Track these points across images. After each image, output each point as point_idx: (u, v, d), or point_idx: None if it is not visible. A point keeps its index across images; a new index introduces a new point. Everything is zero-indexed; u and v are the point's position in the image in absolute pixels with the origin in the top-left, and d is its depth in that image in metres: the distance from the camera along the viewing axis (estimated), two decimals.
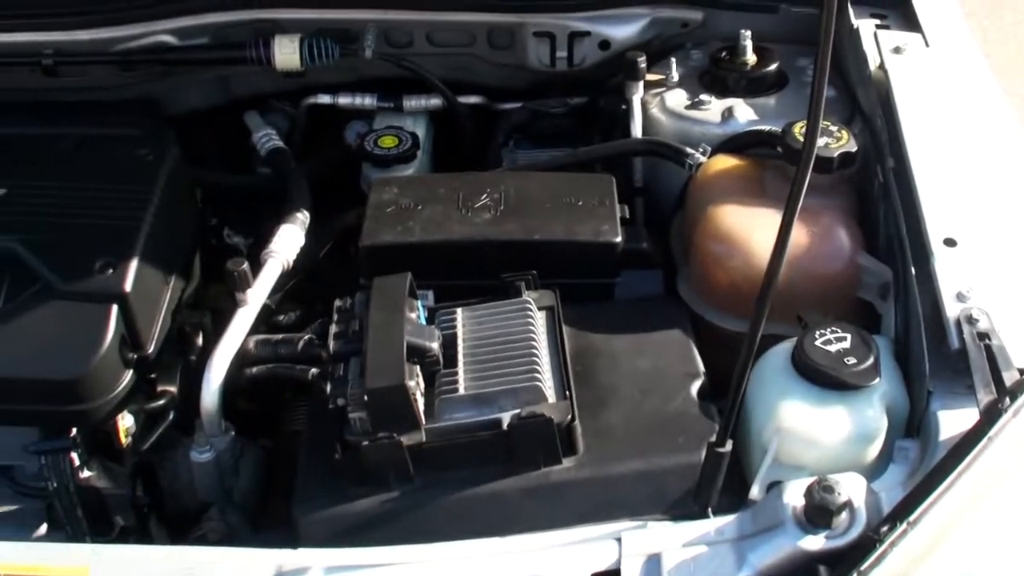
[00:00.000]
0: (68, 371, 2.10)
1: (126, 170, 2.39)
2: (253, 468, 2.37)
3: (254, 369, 2.23)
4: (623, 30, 2.75)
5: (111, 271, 2.18)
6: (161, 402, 2.30)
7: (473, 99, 2.87)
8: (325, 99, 2.85)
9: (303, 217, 2.46)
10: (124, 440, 2.30)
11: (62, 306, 2.16)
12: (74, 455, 2.22)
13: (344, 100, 2.84)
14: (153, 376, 2.29)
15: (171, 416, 2.32)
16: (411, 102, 2.83)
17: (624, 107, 2.67)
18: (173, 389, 2.31)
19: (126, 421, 2.29)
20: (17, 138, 2.55)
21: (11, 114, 2.71)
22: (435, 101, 2.83)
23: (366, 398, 1.89)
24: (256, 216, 2.82)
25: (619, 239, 2.28)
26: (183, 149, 2.53)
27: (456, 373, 1.97)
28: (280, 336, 2.26)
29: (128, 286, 2.16)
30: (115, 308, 2.15)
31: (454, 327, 2.07)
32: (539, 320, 2.10)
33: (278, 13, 2.69)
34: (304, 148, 2.88)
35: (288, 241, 2.39)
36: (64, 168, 2.42)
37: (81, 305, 2.16)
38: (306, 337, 2.22)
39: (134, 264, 2.19)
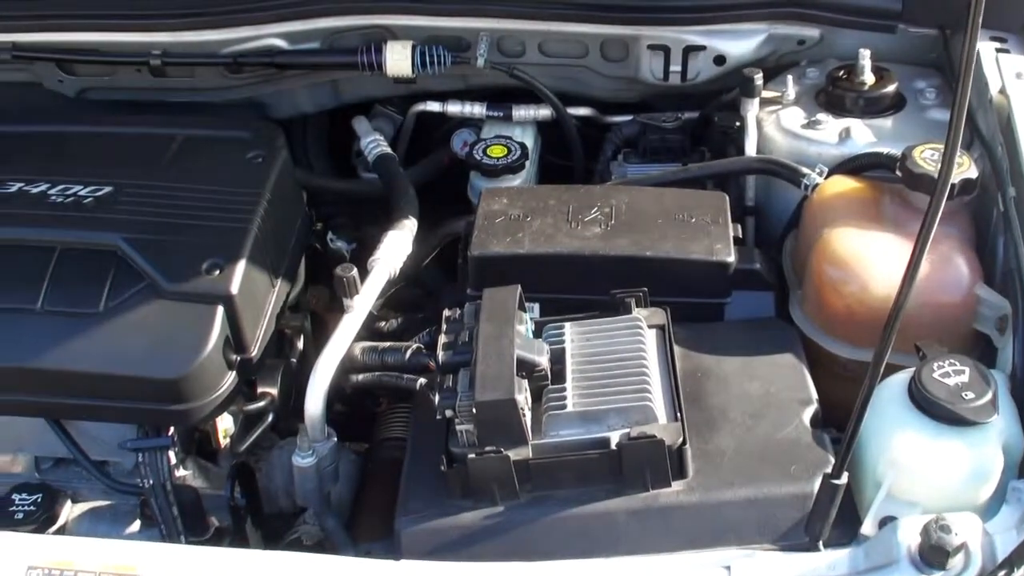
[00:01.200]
0: (171, 370, 2.10)
1: (235, 172, 2.38)
2: (348, 474, 2.36)
3: (360, 376, 2.21)
4: (739, 46, 2.70)
5: (218, 272, 2.17)
6: (260, 404, 2.29)
7: (583, 111, 2.84)
8: (434, 106, 2.83)
9: (410, 225, 2.44)
10: (222, 441, 2.30)
11: (167, 306, 2.16)
12: (171, 454, 2.22)
13: (453, 108, 2.82)
14: (253, 378, 2.28)
15: (269, 419, 2.31)
16: (520, 112, 2.80)
17: (738, 124, 2.62)
18: (272, 391, 2.30)
19: (225, 422, 2.29)
20: (123, 137, 2.56)
21: (118, 113, 2.73)
22: (544, 112, 2.80)
23: (474, 411, 1.85)
24: (359, 221, 2.82)
25: (732, 259, 2.23)
26: None
27: (564, 389, 1.93)
28: (387, 344, 2.24)
29: (235, 288, 2.15)
30: (220, 309, 2.15)
31: (563, 342, 2.03)
32: (650, 338, 2.05)
33: (391, 19, 2.68)
34: (409, 154, 2.85)
35: (395, 249, 2.37)
36: (171, 168, 2.42)
37: (186, 305, 2.15)
38: (413, 346, 2.19)
39: (241, 266, 2.18)
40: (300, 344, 2.42)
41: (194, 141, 2.50)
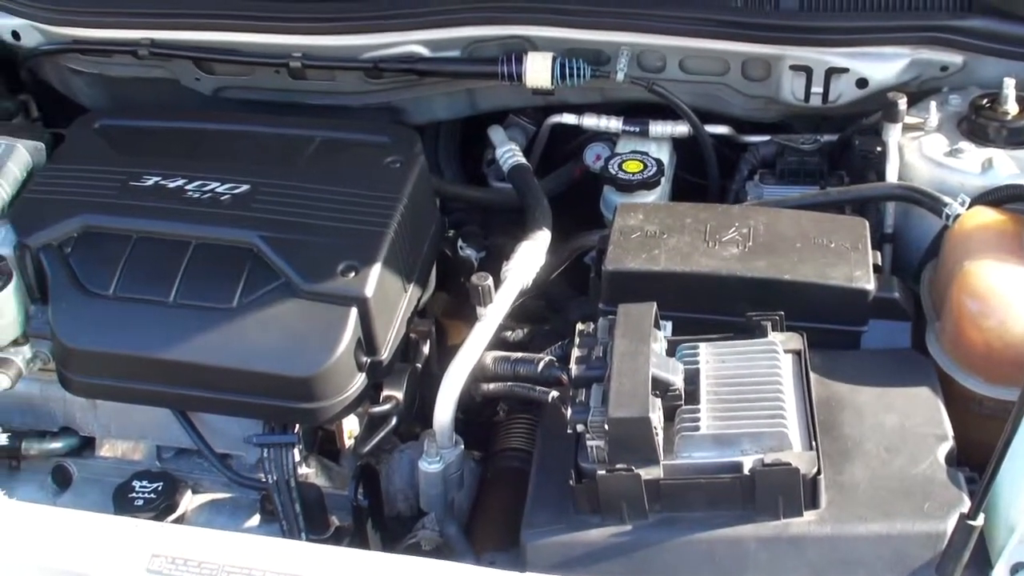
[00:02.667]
0: (303, 369, 2.12)
1: (372, 176, 2.39)
2: (467, 482, 2.35)
3: (491, 386, 2.20)
4: (882, 69, 2.64)
5: (353, 274, 2.18)
6: (386, 407, 2.29)
7: (720, 129, 2.80)
8: (570, 119, 2.81)
9: (544, 237, 2.44)
10: (347, 441, 2.31)
11: (301, 305, 2.17)
12: (295, 451, 2.24)
13: (589, 121, 2.80)
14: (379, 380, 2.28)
15: (393, 422, 2.31)
16: (657, 128, 2.77)
17: (879, 149, 2.57)
18: (398, 395, 2.30)
19: (350, 423, 2.30)
20: (261, 136, 2.58)
21: (257, 113, 2.75)
22: (681, 128, 2.77)
23: (607, 427, 1.84)
24: (488, 230, 2.82)
25: (871, 286, 2.19)
26: None
27: (698, 410, 1.91)
28: (519, 355, 2.23)
29: (369, 291, 2.16)
30: (354, 311, 2.15)
31: (697, 363, 2.00)
32: (786, 364, 2.02)
33: (532, 31, 2.67)
34: (540, 165, 2.85)
35: (529, 260, 2.37)
36: (308, 169, 2.44)
37: (320, 305, 2.17)
38: (546, 359, 2.18)
39: (376, 269, 2.19)
40: (426, 349, 2.42)
41: (332, 143, 2.51)
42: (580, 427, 1.89)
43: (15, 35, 2.92)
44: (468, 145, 3.06)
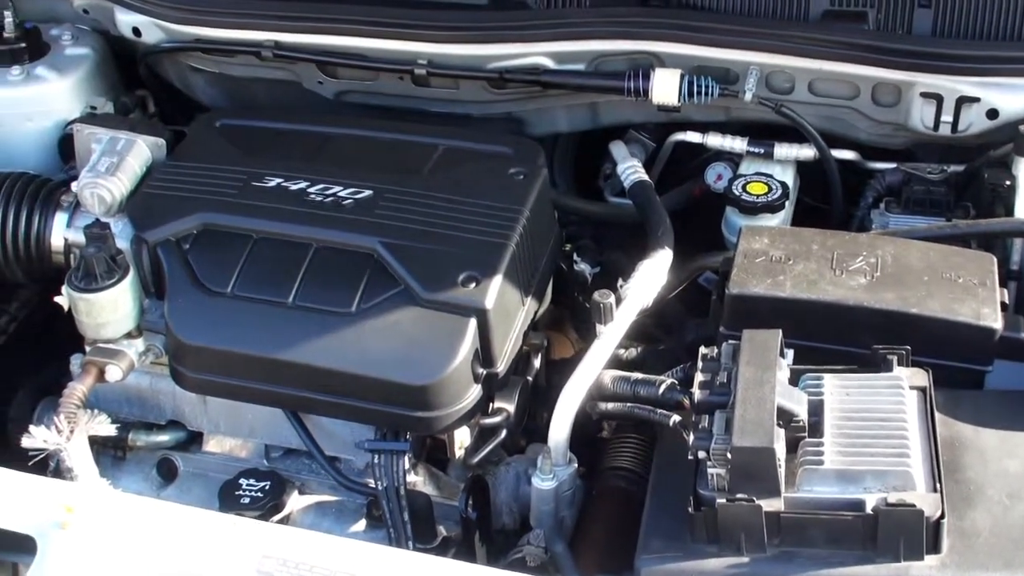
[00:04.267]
0: (420, 377, 2.12)
1: (496, 187, 2.38)
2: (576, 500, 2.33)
3: (609, 405, 2.18)
4: (1014, 100, 2.56)
5: (474, 285, 2.17)
6: (496, 419, 2.28)
7: (846, 154, 2.74)
8: (694, 137, 2.78)
9: (666, 256, 2.40)
10: (457, 452, 2.30)
11: (420, 313, 2.17)
12: (406, 458, 2.23)
13: (713, 140, 2.76)
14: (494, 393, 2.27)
15: (503, 434, 2.29)
16: (782, 150, 2.73)
17: (1008, 183, 2.51)
18: (509, 408, 2.29)
19: (461, 434, 2.29)
20: (385, 142, 2.58)
21: (380, 118, 2.75)
22: (807, 152, 2.72)
23: (730, 455, 1.80)
24: (602, 245, 2.79)
25: (999, 325, 2.13)
26: None
27: (821, 444, 1.86)
28: (639, 376, 2.20)
29: (489, 302, 2.15)
30: (473, 322, 2.15)
31: (821, 394, 1.96)
32: (911, 400, 1.97)
33: (660, 46, 2.63)
34: (659, 182, 2.82)
35: (650, 279, 2.34)
36: (431, 177, 2.44)
37: (439, 315, 2.16)
38: (668, 381, 2.15)
39: (497, 281, 2.18)
40: (537, 363, 2.40)
41: (455, 152, 2.51)
42: (702, 454, 1.86)
43: (136, 31, 2.94)
44: (586, 158, 3.03)
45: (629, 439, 2.42)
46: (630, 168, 2.73)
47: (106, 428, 2.25)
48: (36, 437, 2.15)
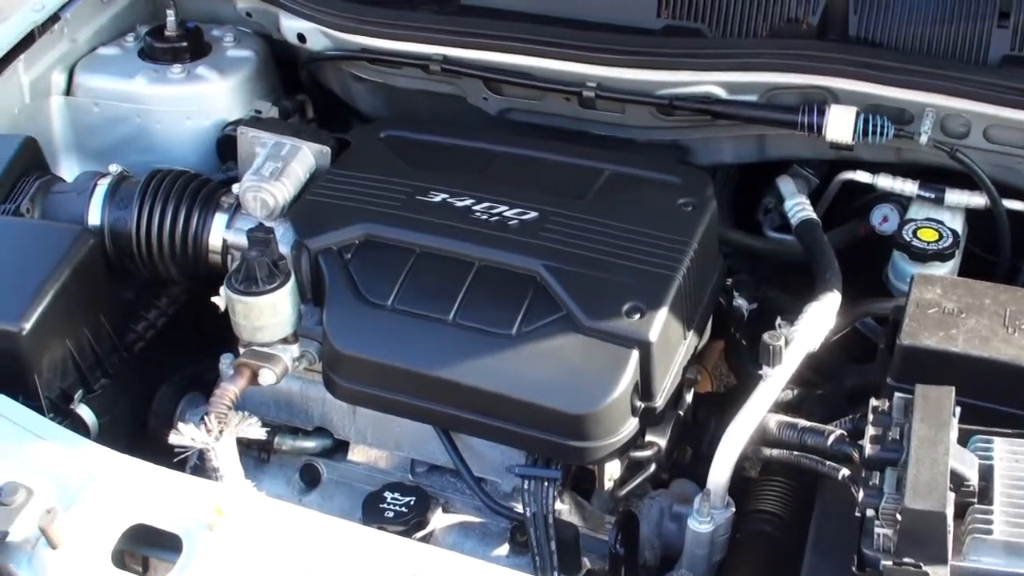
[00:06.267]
0: (579, 406, 2.09)
1: (663, 216, 2.35)
2: None
3: (773, 451, 2.14)
4: None
5: (638, 316, 2.14)
6: (647, 453, 2.25)
7: (1017, 205, 2.66)
8: (864, 177, 2.71)
9: (834, 299, 2.35)
10: (607, 484, 2.26)
11: (582, 341, 2.15)
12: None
13: (883, 182, 2.69)
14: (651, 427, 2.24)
15: (651, 468, 2.26)
16: (953, 196, 2.65)
17: None
18: (661, 442, 2.26)
19: (612, 465, 2.25)
20: (551, 163, 2.57)
21: (545, 138, 2.73)
22: (978, 200, 2.64)
23: (899, 516, 1.75)
24: (759, 280, 2.74)
25: None
26: None
27: (991, 512, 1.81)
28: (806, 423, 2.16)
29: (653, 335, 2.12)
30: (635, 354, 2.12)
31: (991, 458, 1.90)
32: None
33: (836, 82, 2.57)
34: (823, 220, 2.76)
35: (818, 322, 2.29)
36: (597, 202, 2.41)
37: (601, 344, 2.14)
38: (836, 432, 2.10)
39: (662, 314, 2.15)
40: (689, 398, 2.36)
41: (621, 178, 2.48)
42: (870, 512, 1.81)
43: (301, 37, 2.97)
44: (744, 191, 2.99)
45: (776, 482, 2.37)
46: (798, 205, 2.68)
47: (256, 431, 2.26)
48: (184, 435, 2.17)
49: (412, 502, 2.32)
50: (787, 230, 2.78)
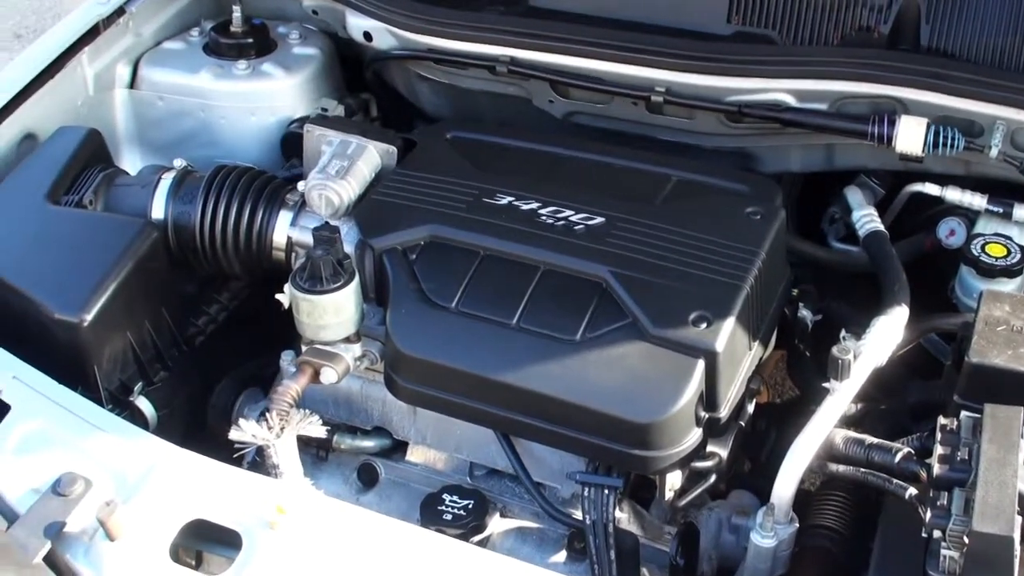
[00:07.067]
0: (643, 415, 2.08)
1: (731, 225, 2.34)
2: None
3: (839, 467, 2.12)
4: None
5: (705, 326, 2.13)
6: (708, 463, 2.24)
7: None
8: (932, 189, 2.67)
9: (902, 313, 2.33)
10: (667, 494, 2.25)
11: (647, 349, 2.13)
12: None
13: (952, 195, 2.65)
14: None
15: (712, 479, 2.24)
16: (1022, 211, 2.62)
17: None
18: (722, 453, 2.24)
19: (673, 475, 2.23)
20: (617, 168, 2.55)
21: (611, 143, 2.71)
22: None
23: (967, 539, 1.73)
24: (823, 291, 2.71)
25: None
26: None
27: None
28: (873, 440, 2.13)
29: (720, 345, 2.10)
30: (701, 364, 2.10)
31: None
32: None
33: (906, 93, 2.54)
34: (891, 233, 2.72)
35: (886, 337, 2.26)
36: (665, 209, 2.40)
37: (667, 352, 2.12)
38: (904, 450, 2.08)
39: (729, 324, 2.13)
40: (750, 408, 2.34)
41: (689, 185, 2.47)
42: (936, 533, 1.79)
43: (367, 36, 2.97)
44: (808, 200, 2.96)
45: (835, 497, 2.34)
46: (866, 216, 2.65)
47: (317, 430, 2.25)
48: (245, 431, 2.17)
49: (470, 505, 2.32)
50: (851, 240, 2.75)
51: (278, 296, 2.32)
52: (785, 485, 2.08)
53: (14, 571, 1.93)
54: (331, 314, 2.28)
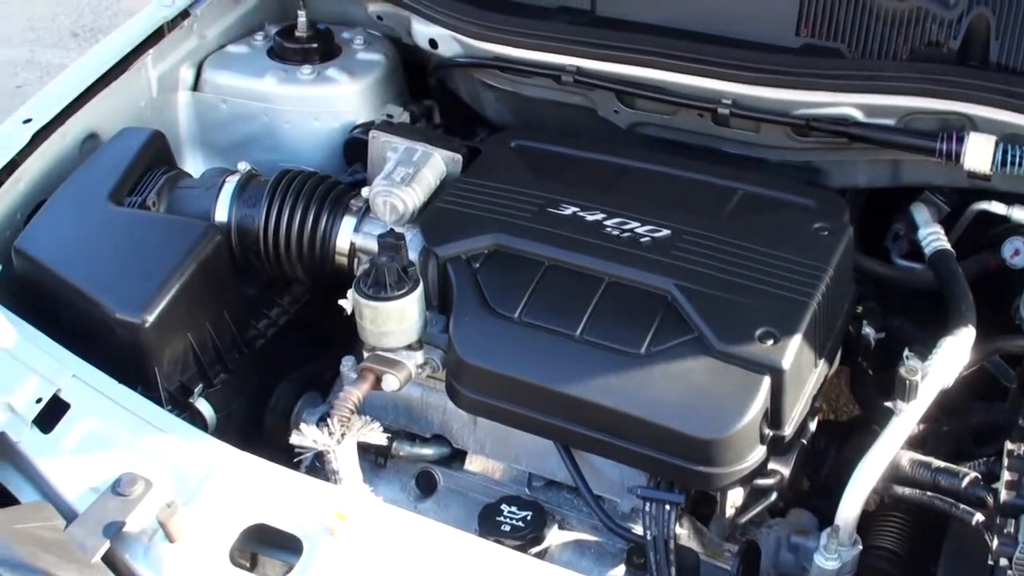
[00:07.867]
0: (707, 431, 2.06)
1: (798, 240, 2.32)
2: None
3: (905, 490, 2.09)
4: None
5: (772, 342, 2.11)
6: (770, 481, 2.22)
7: None
8: (999, 208, 2.63)
9: (969, 334, 2.29)
10: (728, 511, 2.23)
11: (712, 364, 2.12)
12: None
13: (1019, 214, 2.61)
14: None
15: (772, 497, 2.23)
16: None
17: None
18: (784, 471, 2.23)
19: (735, 492, 2.22)
20: (683, 180, 2.54)
21: (676, 155, 2.70)
22: None
23: None
24: (886, 309, 2.69)
25: None
26: None
27: None
28: (940, 464, 2.11)
29: (787, 362, 2.09)
30: (767, 380, 2.09)
31: None
32: None
33: (975, 109, 2.50)
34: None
35: (953, 358, 2.23)
36: (731, 223, 2.38)
37: (732, 368, 2.11)
38: (971, 475, 2.05)
39: (796, 341, 2.11)
40: (813, 426, 2.32)
41: (755, 198, 2.45)
42: (1003, 561, 1.76)
43: (432, 43, 2.96)
44: (870, 214, 2.93)
45: (895, 518, 2.33)
46: (932, 234, 2.61)
47: (378, 437, 2.24)
48: (306, 436, 2.16)
49: (529, 517, 2.31)
50: (916, 257, 2.72)
51: (341, 302, 2.31)
52: (850, 507, 2.06)
53: (75, 570, 1.94)
54: (394, 321, 2.28)
